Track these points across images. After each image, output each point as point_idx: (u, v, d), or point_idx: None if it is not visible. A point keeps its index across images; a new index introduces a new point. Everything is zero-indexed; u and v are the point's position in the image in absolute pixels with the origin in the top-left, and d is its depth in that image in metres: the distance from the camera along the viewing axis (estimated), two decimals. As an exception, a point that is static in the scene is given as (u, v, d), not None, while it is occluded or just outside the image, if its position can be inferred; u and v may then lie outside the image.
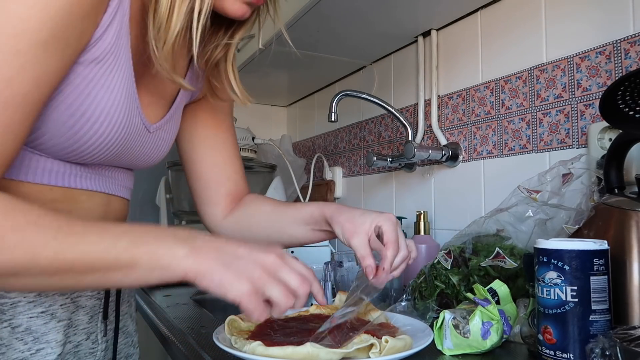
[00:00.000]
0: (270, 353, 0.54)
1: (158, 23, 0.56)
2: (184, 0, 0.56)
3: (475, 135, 1.16)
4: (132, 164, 0.69)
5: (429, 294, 0.83)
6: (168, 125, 0.71)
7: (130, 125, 0.60)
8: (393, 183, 1.46)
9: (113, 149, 0.60)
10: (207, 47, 0.70)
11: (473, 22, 1.18)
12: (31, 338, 0.59)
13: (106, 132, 0.57)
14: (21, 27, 0.44)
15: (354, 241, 0.65)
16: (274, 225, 0.79)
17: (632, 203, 0.65)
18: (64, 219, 0.49)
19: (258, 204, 0.82)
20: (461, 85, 1.21)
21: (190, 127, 0.81)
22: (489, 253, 0.76)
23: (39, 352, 0.60)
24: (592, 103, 0.92)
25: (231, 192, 0.83)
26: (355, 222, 0.66)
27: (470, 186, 1.17)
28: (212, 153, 0.82)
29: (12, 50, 0.45)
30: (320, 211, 0.72)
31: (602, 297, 0.56)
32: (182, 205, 1.62)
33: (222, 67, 0.72)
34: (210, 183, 0.82)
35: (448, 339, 0.64)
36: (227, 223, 0.83)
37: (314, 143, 1.96)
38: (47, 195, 0.58)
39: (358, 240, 0.65)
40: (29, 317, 0.59)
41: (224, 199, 0.83)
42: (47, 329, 0.61)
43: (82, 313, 0.66)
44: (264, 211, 0.81)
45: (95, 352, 0.68)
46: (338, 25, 1.27)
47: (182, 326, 0.85)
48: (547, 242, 0.59)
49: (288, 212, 0.78)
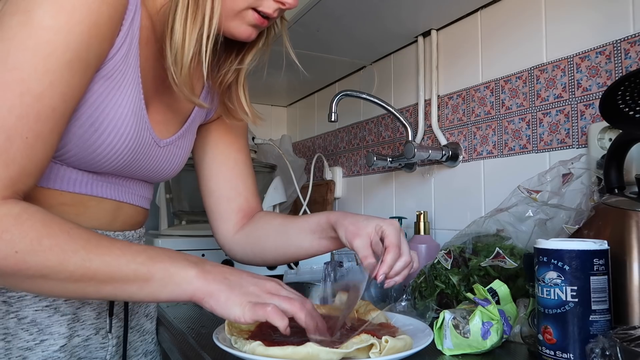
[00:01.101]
0: (270, 353, 0.54)
1: (174, 50, 0.62)
2: (194, 27, 0.62)
3: (475, 135, 1.16)
4: (145, 175, 0.72)
5: (429, 294, 0.83)
6: (181, 141, 0.76)
7: (138, 138, 0.65)
8: (393, 183, 1.46)
9: (123, 160, 0.65)
10: (220, 72, 0.76)
11: (473, 22, 1.18)
12: (36, 329, 0.63)
13: (114, 142, 0.62)
14: (50, 49, 0.51)
15: (356, 242, 0.67)
16: (281, 237, 0.81)
17: (632, 203, 0.65)
18: (93, 234, 0.54)
19: (268, 219, 0.85)
20: (461, 85, 1.21)
21: (205, 145, 0.86)
22: (489, 253, 0.76)
23: (43, 342, 0.64)
24: (592, 103, 0.92)
25: (242, 208, 0.86)
26: (359, 225, 0.68)
27: (470, 186, 1.17)
28: (224, 170, 0.86)
29: (42, 69, 0.51)
30: (326, 218, 0.74)
31: (602, 297, 0.56)
32: (182, 205, 1.62)
33: (234, 90, 0.78)
34: (222, 199, 0.86)
35: (448, 339, 0.64)
36: (237, 237, 0.85)
37: (314, 143, 1.96)
38: (57, 199, 0.63)
39: (360, 241, 0.66)
40: (35, 310, 0.63)
41: (235, 215, 0.86)
42: (50, 322, 0.65)
43: (88, 309, 0.69)
44: (273, 224, 0.83)
45: (107, 347, 0.72)
46: (338, 25, 1.27)
47: (182, 326, 0.85)
48: (547, 242, 0.59)
49: (295, 223, 0.80)
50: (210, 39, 0.63)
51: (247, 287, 0.57)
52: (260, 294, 0.56)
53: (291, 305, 0.55)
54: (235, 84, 0.78)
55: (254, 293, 0.56)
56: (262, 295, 0.56)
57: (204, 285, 0.55)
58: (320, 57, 1.51)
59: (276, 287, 0.59)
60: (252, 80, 1.82)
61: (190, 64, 0.63)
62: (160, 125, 0.71)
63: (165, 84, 0.68)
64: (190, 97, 0.67)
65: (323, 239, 0.77)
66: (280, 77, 1.76)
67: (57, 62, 0.51)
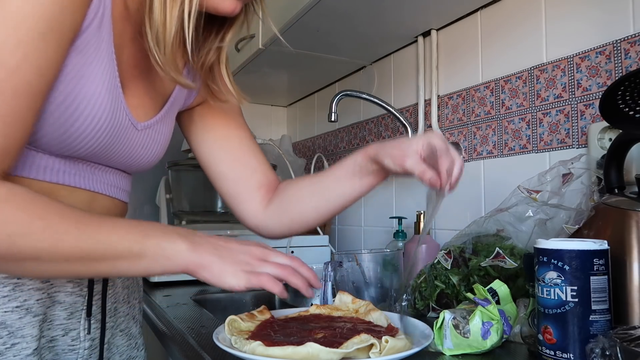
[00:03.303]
0: (270, 353, 0.54)
1: (155, 29, 0.59)
2: (174, 4, 0.59)
3: (475, 135, 1.16)
4: (123, 163, 0.68)
5: (429, 294, 0.83)
6: (160, 125, 0.72)
7: (115, 119, 0.62)
8: (393, 183, 1.46)
9: (99, 142, 0.61)
10: (201, 52, 0.72)
11: (473, 22, 1.18)
12: (6, 332, 0.60)
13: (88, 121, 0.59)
14: (21, 19, 0.48)
15: (407, 163, 0.65)
16: (319, 193, 0.78)
17: (632, 203, 0.65)
18: (83, 213, 0.53)
19: (295, 182, 0.82)
20: (461, 85, 1.21)
21: (202, 132, 0.82)
22: (489, 253, 0.76)
23: (14, 346, 0.60)
24: (592, 103, 0.92)
25: (263, 184, 0.82)
26: (402, 147, 0.66)
27: (470, 186, 1.17)
28: (230, 151, 0.82)
29: (14, 41, 0.48)
30: (362, 155, 0.72)
31: (602, 297, 0.56)
32: (182, 205, 1.62)
33: (217, 70, 0.74)
34: (239, 180, 0.82)
35: (448, 339, 0.64)
36: (270, 212, 0.81)
37: (314, 143, 1.96)
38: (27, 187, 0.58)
39: (411, 161, 0.64)
40: (4, 312, 0.60)
41: (258, 192, 0.82)
42: (22, 324, 0.61)
43: (59, 308, 0.65)
44: (304, 185, 0.80)
45: (77, 350, 0.67)
46: (338, 25, 1.27)
47: (182, 326, 0.85)
48: (547, 242, 0.59)
49: (329, 174, 0.77)
50: (192, 15, 0.61)
51: (237, 255, 0.58)
52: (251, 261, 0.57)
53: (282, 271, 0.57)
54: (218, 63, 0.74)
55: (245, 261, 0.57)
56: (253, 262, 0.57)
57: (196, 257, 0.55)
58: (320, 57, 1.51)
59: (264, 252, 0.60)
60: (252, 80, 1.83)
61: (172, 42, 0.60)
62: (137, 109, 0.68)
63: (141, 66, 0.65)
64: (177, 77, 0.64)
65: (365, 177, 0.74)
66: (280, 77, 1.77)
67: (29, 33, 0.49)
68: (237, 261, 0.57)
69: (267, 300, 1.25)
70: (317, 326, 0.67)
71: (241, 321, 0.66)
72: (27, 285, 0.61)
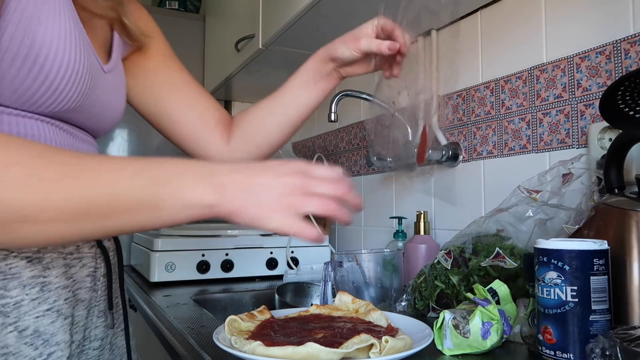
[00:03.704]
0: (270, 353, 0.54)
1: None
2: None
3: (475, 135, 1.16)
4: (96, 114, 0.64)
5: (429, 294, 0.83)
6: (118, 70, 0.69)
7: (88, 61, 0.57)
8: (393, 183, 1.46)
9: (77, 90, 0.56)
10: None
11: (473, 22, 1.18)
12: (41, 341, 0.53)
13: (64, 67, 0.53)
14: None
15: (362, 43, 0.66)
16: (278, 111, 0.77)
17: (632, 203, 0.65)
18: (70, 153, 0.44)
19: (252, 108, 0.82)
20: (461, 85, 1.21)
21: (145, 80, 0.79)
22: (489, 253, 0.76)
23: (51, 356, 0.54)
24: (592, 103, 0.92)
25: (219, 121, 0.82)
26: (353, 33, 0.67)
27: (470, 186, 1.17)
28: (181, 94, 0.80)
29: None
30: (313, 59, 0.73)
31: (602, 297, 0.56)
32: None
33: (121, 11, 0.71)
34: (195, 122, 0.80)
35: (448, 339, 0.64)
36: (233, 145, 0.81)
37: (314, 143, 1.96)
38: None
39: (365, 40, 0.66)
40: (35, 317, 0.53)
41: (216, 128, 0.81)
42: (55, 329, 0.55)
43: (81, 307, 0.63)
44: (262, 107, 0.79)
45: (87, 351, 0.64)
46: (338, 25, 1.27)
47: (182, 326, 0.85)
48: (547, 242, 0.59)
49: (283, 90, 0.77)
50: None
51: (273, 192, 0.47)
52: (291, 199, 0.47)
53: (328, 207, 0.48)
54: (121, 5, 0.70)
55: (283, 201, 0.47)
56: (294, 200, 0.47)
57: (224, 203, 0.47)
58: (320, 57, 1.50)
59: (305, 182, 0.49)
60: (252, 80, 1.83)
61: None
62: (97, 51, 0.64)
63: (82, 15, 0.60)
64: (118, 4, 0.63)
65: (319, 82, 0.74)
66: (280, 77, 1.77)
67: None
68: (274, 201, 0.47)
69: (267, 300, 1.25)
70: (317, 326, 0.67)
71: (241, 321, 0.66)
72: (53, 284, 0.56)
